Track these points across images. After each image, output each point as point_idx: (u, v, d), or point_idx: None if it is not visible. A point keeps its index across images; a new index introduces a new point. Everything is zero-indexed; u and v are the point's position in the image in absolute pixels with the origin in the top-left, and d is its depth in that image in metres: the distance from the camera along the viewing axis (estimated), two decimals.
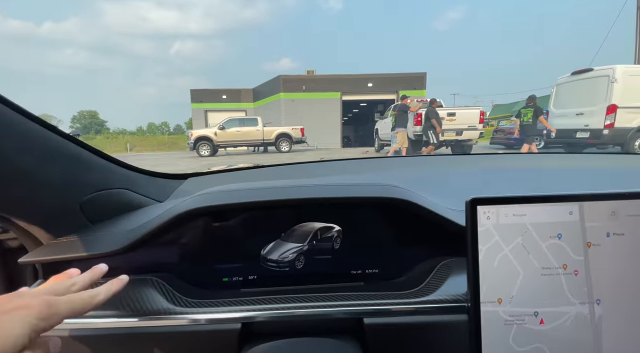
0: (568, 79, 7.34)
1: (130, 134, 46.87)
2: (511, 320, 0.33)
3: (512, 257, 0.33)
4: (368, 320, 0.34)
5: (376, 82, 17.53)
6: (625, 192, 0.33)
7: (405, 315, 0.35)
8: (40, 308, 0.25)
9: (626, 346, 0.34)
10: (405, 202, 0.38)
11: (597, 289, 0.34)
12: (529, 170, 0.72)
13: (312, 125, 15.04)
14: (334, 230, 0.43)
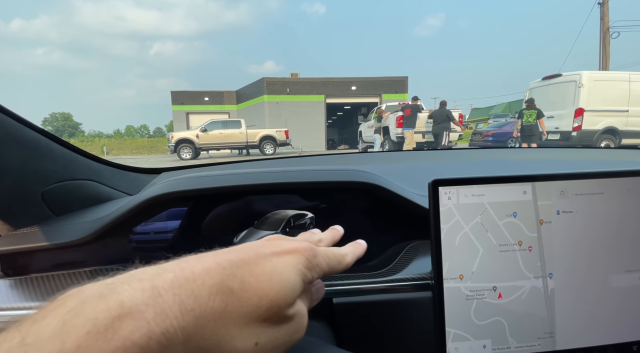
0: (539, 83, 7.74)
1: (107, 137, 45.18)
2: (472, 295, 0.35)
3: (472, 235, 0.35)
4: (337, 300, 0.35)
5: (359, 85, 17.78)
6: (573, 173, 0.36)
7: (373, 294, 0.36)
8: (308, 255, 0.22)
9: (576, 316, 0.36)
10: (374, 186, 0.39)
11: (549, 264, 0.36)
12: (501, 162, 0.76)
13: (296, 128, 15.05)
14: (307, 217, 0.44)
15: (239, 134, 10.88)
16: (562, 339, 0.36)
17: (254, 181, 0.39)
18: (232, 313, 0.17)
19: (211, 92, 19.88)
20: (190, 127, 16.76)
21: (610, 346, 0.37)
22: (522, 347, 0.36)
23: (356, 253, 0.28)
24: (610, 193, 0.37)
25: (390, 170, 0.63)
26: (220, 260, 0.19)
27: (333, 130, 24.63)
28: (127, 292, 0.15)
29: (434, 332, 0.35)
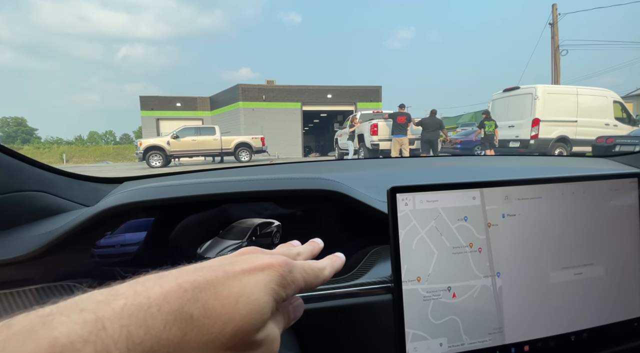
0: (501, 95, 8.31)
1: (68, 144, 42.21)
2: (429, 296, 0.37)
3: (428, 238, 0.38)
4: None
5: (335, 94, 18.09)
6: (515, 179, 0.40)
7: (336, 299, 0.37)
8: (283, 271, 0.20)
9: (522, 311, 0.39)
10: (337, 194, 0.40)
11: (497, 263, 0.39)
12: (457, 168, 0.81)
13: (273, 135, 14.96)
14: (274, 225, 0.44)
15: (213, 140, 10.62)
16: (510, 333, 0.39)
17: (216, 190, 0.39)
18: (190, 343, 0.16)
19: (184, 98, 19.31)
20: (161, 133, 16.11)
21: (552, 338, 0.40)
22: (474, 342, 0.38)
23: (334, 267, 0.26)
24: (546, 198, 0.41)
25: (356, 177, 0.65)
26: (183, 282, 0.17)
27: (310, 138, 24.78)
28: (64, 325, 0.13)
29: (394, 333, 0.36)
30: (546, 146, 7.36)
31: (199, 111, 18.91)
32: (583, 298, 0.41)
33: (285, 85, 17.72)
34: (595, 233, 0.42)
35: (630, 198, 0.43)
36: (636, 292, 0.43)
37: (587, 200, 0.42)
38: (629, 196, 0.43)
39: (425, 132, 7.24)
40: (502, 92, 8.23)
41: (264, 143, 11.36)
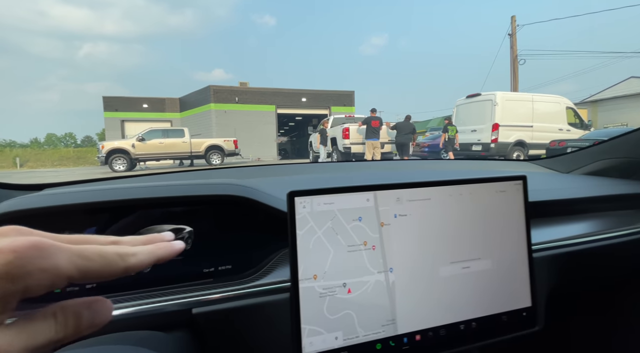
0: (464, 101, 8.78)
1: (22, 147, 38.86)
2: (325, 292, 0.40)
3: (324, 238, 0.40)
4: (196, 310, 0.36)
5: (310, 97, 18.17)
6: (405, 183, 0.43)
7: (234, 301, 0.38)
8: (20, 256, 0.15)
9: (413, 303, 0.43)
10: (244, 199, 0.42)
11: (389, 259, 0.42)
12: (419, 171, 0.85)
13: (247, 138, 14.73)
14: (185, 232, 0.44)
15: (181, 143, 10.25)
16: (403, 324, 0.42)
17: (121, 196, 0.39)
18: None
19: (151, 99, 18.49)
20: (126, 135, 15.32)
21: (442, 327, 0.44)
22: (368, 334, 0.41)
23: (155, 254, 0.20)
24: (435, 199, 0.45)
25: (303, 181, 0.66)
26: None
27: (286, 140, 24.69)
28: None
29: (291, 329, 0.38)
30: (505, 149, 7.86)
31: (168, 113, 18.19)
32: (471, 290, 0.45)
33: (258, 87, 17.53)
34: (483, 230, 0.47)
35: (515, 199, 0.49)
36: (524, 283, 0.49)
37: (474, 201, 0.46)
38: (514, 197, 0.49)
39: (399, 136, 7.53)
40: (465, 98, 8.70)
41: (236, 146, 11.15)
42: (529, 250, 0.48)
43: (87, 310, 0.18)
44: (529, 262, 0.48)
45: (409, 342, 0.42)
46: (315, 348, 0.39)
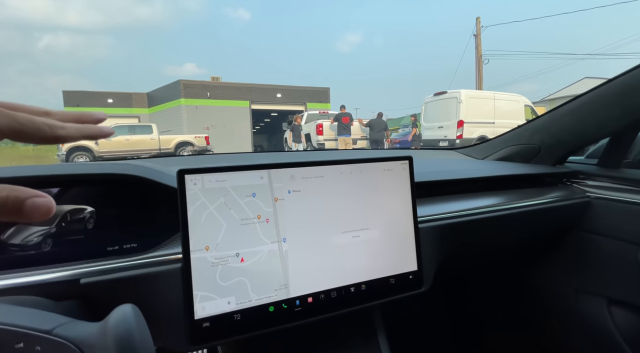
0: (432, 98, 9.13)
1: None
2: (217, 262, 0.43)
3: (217, 213, 0.44)
4: (84, 280, 0.38)
5: (285, 93, 18.02)
6: (299, 162, 0.48)
7: (124, 271, 0.40)
8: None
9: (306, 269, 0.48)
10: (135, 177, 0.44)
11: (283, 231, 0.47)
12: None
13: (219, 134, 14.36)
14: (87, 212, 0.46)
15: (149, 140, 9.83)
16: (295, 288, 0.47)
17: (14, 174, 0.40)
18: None
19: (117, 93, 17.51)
20: None
21: (333, 289, 0.49)
22: (261, 298, 0.45)
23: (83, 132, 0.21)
24: (328, 177, 0.50)
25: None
26: None
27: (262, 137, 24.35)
28: None
29: (183, 296, 0.42)
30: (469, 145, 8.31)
31: (135, 108, 17.32)
32: (361, 256, 0.51)
33: (231, 82, 17.12)
34: (372, 204, 0.52)
35: (402, 176, 0.55)
36: (411, 250, 0.55)
37: (363, 178, 0.52)
38: (401, 174, 0.55)
39: (373, 133, 7.74)
40: (433, 96, 9.04)
41: (208, 142, 10.85)
42: (415, 221, 0.55)
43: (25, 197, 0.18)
44: (415, 231, 0.55)
45: (301, 304, 0.47)
46: (208, 313, 0.42)
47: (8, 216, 0.18)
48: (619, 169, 0.76)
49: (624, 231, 0.69)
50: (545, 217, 0.73)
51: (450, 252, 0.61)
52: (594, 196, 0.74)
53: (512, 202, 0.68)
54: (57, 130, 0.20)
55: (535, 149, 0.84)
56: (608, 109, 0.68)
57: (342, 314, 0.50)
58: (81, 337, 0.24)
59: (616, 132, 0.72)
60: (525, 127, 0.86)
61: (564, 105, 0.76)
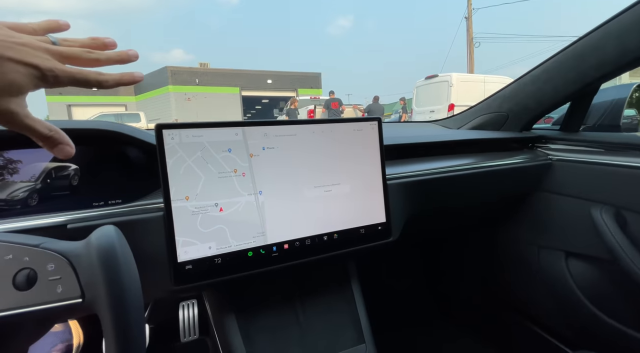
0: (423, 82, 9.12)
1: None
2: (197, 210, 0.47)
3: (195, 166, 0.47)
4: (71, 225, 0.42)
5: (275, 79, 17.73)
6: (272, 120, 0.51)
7: (109, 218, 0.44)
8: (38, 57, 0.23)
9: (281, 219, 0.52)
10: (115, 133, 0.47)
11: (259, 184, 0.51)
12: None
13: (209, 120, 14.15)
14: (71, 169, 0.49)
15: None
16: (272, 236, 0.51)
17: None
18: None
19: None
20: None
21: (307, 237, 0.54)
22: (240, 244, 0.49)
23: (121, 80, 0.29)
24: (300, 135, 0.53)
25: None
26: None
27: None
28: None
29: (166, 241, 0.46)
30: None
31: (121, 96, 16.86)
32: (332, 208, 0.56)
33: (220, 68, 16.74)
34: (342, 161, 0.56)
35: (371, 136, 0.59)
36: (380, 204, 0.60)
37: (334, 138, 0.56)
38: (370, 134, 0.59)
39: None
40: (424, 80, 9.03)
41: None
42: (384, 177, 0.59)
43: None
44: (383, 187, 0.59)
45: (278, 250, 0.52)
46: (190, 256, 0.47)
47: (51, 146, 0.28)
48: (577, 133, 0.82)
49: (580, 189, 0.75)
50: (510, 178, 0.78)
51: (418, 208, 0.66)
52: (555, 158, 0.80)
53: (478, 162, 0.73)
54: (104, 77, 0.29)
55: (504, 117, 0.88)
56: (564, 74, 0.72)
57: (318, 261, 0.55)
58: (67, 249, 0.27)
59: (574, 97, 0.77)
60: (495, 97, 0.91)
61: (527, 73, 0.80)
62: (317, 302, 0.62)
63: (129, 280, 0.26)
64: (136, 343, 0.25)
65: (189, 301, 0.89)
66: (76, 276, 0.26)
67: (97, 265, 0.26)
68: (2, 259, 0.26)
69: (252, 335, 0.56)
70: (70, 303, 0.26)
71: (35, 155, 0.47)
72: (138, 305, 0.26)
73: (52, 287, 0.26)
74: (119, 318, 0.25)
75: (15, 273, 0.26)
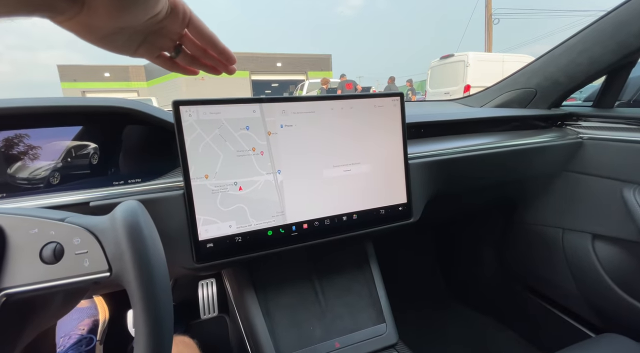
0: (438, 62, 8.77)
1: None
2: (217, 189, 0.47)
3: (213, 144, 0.46)
4: (94, 203, 0.42)
5: (285, 62, 17.42)
6: (289, 97, 0.49)
7: (131, 196, 0.44)
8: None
9: (300, 198, 0.51)
10: (132, 110, 0.46)
11: (277, 163, 0.49)
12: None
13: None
14: (90, 148, 0.49)
15: None
16: (291, 216, 0.51)
17: (20, 104, 0.42)
18: None
19: (113, 67, 17.08)
20: None
21: (327, 218, 0.53)
22: (260, 223, 0.49)
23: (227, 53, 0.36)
24: (319, 112, 0.51)
25: None
26: None
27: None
28: None
29: (187, 219, 0.46)
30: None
31: (133, 82, 16.97)
32: (352, 188, 0.54)
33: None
34: (362, 139, 0.54)
35: (393, 112, 0.56)
36: (401, 184, 0.58)
37: (354, 114, 0.53)
38: (392, 111, 0.56)
39: None
40: (439, 60, 8.68)
41: None
42: (405, 156, 0.57)
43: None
44: (405, 166, 0.57)
45: (297, 229, 0.51)
46: (211, 235, 0.47)
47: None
48: (612, 109, 0.76)
49: (612, 169, 0.71)
50: (537, 158, 0.75)
51: (440, 188, 0.63)
52: (586, 137, 0.75)
53: (504, 141, 0.69)
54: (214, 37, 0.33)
55: (532, 93, 0.83)
56: (602, 44, 0.66)
57: (337, 241, 0.54)
58: (92, 223, 0.27)
59: (610, 70, 0.71)
60: (522, 72, 0.85)
61: (560, 45, 0.74)
62: (336, 281, 0.62)
63: (155, 253, 0.26)
64: (165, 315, 0.25)
65: (207, 280, 0.91)
66: (102, 250, 0.26)
67: (123, 239, 0.25)
68: (28, 233, 0.26)
69: (272, 312, 0.56)
70: (98, 276, 0.26)
71: (56, 133, 0.47)
72: (165, 278, 0.26)
73: (79, 260, 0.26)
74: (147, 291, 0.24)
75: (41, 247, 0.26)
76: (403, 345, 0.58)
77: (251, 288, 0.57)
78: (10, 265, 0.25)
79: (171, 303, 0.26)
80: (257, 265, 0.59)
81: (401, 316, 0.62)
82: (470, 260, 1.12)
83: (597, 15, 0.68)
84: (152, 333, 0.24)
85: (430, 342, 1.00)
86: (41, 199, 0.41)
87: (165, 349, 0.24)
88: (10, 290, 0.25)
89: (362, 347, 0.56)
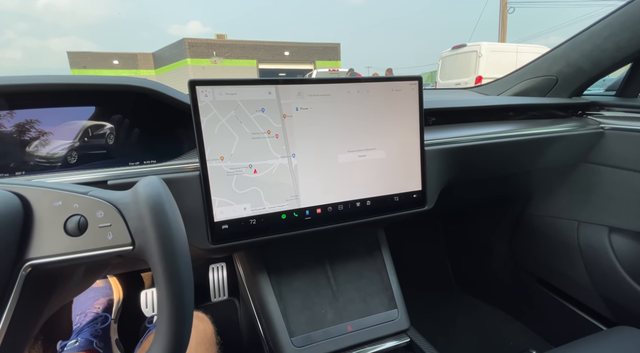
0: (450, 52, 8.55)
1: None
2: (232, 171, 0.46)
3: (229, 125, 0.46)
4: (111, 182, 0.42)
5: (293, 51, 17.21)
6: (306, 79, 0.48)
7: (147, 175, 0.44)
8: None
9: (314, 183, 0.51)
10: (149, 90, 0.46)
11: (292, 146, 0.49)
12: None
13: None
14: (107, 128, 0.49)
15: None
16: (305, 200, 0.50)
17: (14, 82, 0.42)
18: None
19: (122, 54, 17.14)
20: None
21: (340, 203, 0.53)
22: (274, 207, 0.49)
23: None
24: (335, 95, 0.50)
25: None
26: None
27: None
28: None
29: (202, 200, 0.46)
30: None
31: (141, 70, 17.02)
32: (366, 174, 0.54)
33: (237, 40, 16.37)
34: (378, 124, 0.53)
35: (410, 97, 0.55)
36: (416, 171, 0.57)
37: (370, 98, 0.52)
38: (410, 95, 0.55)
39: None
40: (451, 50, 8.46)
41: None
42: (422, 143, 0.56)
43: None
44: (420, 153, 0.56)
45: (311, 214, 0.51)
46: (226, 217, 0.47)
47: None
48: (637, 98, 0.74)
49: (633, 160, 0.69)
50: (556, 148, 0.73)
51: (456, 176, 0.62)
52: (608, 127, 0.73)
53: (522, 129, 0.67)
54: None
55: (553, 81, 0.80)
56: (630, 29, 0.63)
57: (350, 227, 0.54)
58: (115, 197, 0.27)
59: (637, 57, 0.68)
60: (544, 58, 0.82)
61: (585, 30, 0.71)
62: (348, 266, 0.62)
63: (176, 227, 0.26)
64: (187, 287, 0.25)
65: (218, 264, 0.93)
66: (125, 223, 0.26)
67: (146, 213, 0.25)
68: (52, 205, 0.26)
69: (284, 295, 0.57)
70: (121, 250, 0.26)
71: (72, 113, 0.47)
72: (186, 252, 0.26)
73: (102, 233, 0.26)
74: (169, 265, 0.25)
75: (66, 220, 0.26)
76: (415, 331, 0.58)
77: (264, 271, 0.57)
78: (36, 237, 0.26)
79: (192, 276, 0.27)
80: (270, 249, 0.59)
81: (410, 304, 0.62)
82: (480, 251, 1.11)
83: (618, 4, 0.65)
84: (174, 305, 0.24)
85: (440, 331, 1.00)
86: (59, 177, 0.42)
87: (187, 320, 0.25)
88: (36, 261, 0.26)
89: (374, 331, 0.56)
